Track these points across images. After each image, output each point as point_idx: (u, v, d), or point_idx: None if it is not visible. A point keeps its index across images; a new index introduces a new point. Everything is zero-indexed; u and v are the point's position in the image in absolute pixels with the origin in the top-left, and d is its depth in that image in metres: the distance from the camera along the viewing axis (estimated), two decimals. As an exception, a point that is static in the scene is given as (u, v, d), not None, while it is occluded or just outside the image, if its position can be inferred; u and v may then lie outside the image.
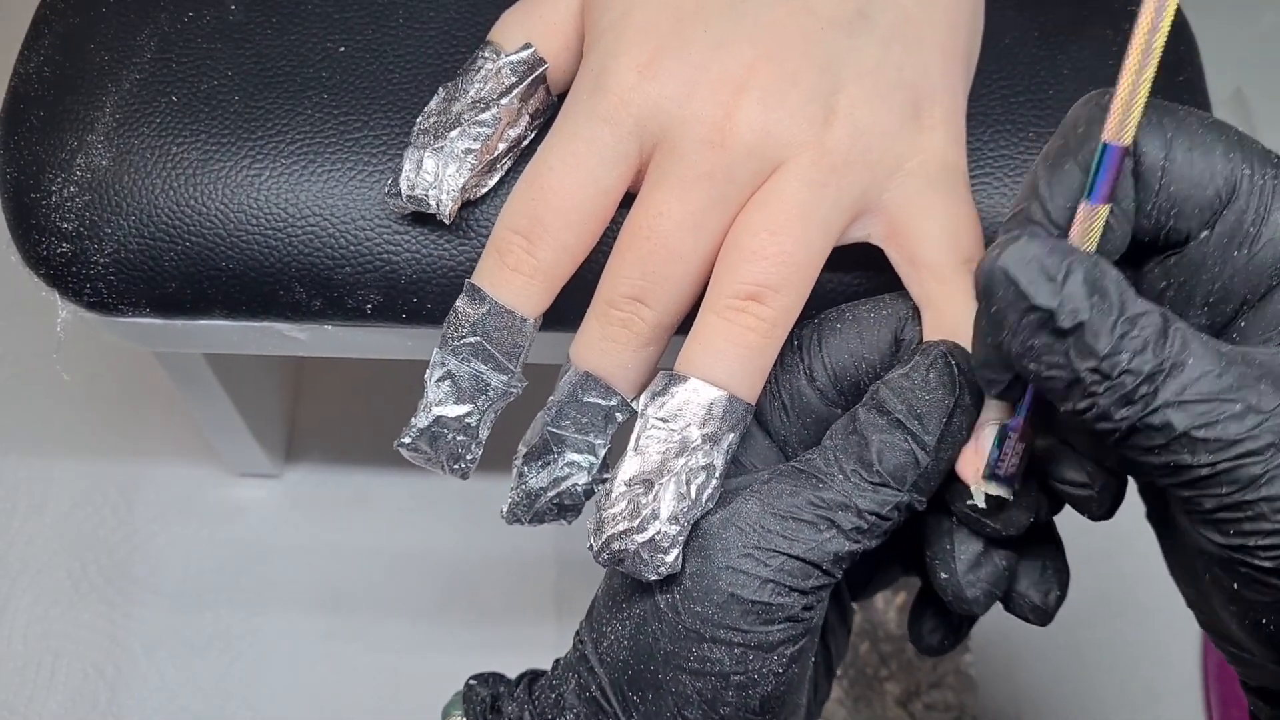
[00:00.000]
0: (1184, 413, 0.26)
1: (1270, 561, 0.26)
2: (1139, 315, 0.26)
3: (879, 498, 0.31)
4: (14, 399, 0.73)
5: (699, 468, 0.32)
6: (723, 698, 0.31)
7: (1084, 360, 0.26)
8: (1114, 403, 0.26)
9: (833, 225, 0.33)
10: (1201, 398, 0.26)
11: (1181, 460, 0.26)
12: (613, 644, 0.33)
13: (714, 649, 0.31)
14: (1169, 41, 0.43)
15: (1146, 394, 0.26)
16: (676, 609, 0.31)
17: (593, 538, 0.32)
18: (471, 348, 0.34)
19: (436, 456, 0.34)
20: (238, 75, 0.40)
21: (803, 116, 0.33)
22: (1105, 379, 0.26)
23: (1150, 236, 0.29)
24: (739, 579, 0.30)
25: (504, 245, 0.34)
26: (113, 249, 0.39)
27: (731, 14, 0.34)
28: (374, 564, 0.69)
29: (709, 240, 0.33)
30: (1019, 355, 0.27)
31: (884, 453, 0.30)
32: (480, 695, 0.35)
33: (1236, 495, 0.26)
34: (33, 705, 0.65)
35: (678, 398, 0.32)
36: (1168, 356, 0.26)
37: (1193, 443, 0.26)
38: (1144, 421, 0.26)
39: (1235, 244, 0.28)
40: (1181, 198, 0.28)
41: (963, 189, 0.34)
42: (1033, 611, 0.34)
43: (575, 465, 0.34)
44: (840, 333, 0.33)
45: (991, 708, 0.66)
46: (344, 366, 0.75)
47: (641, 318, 0.33)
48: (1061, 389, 0.27)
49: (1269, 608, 0.27)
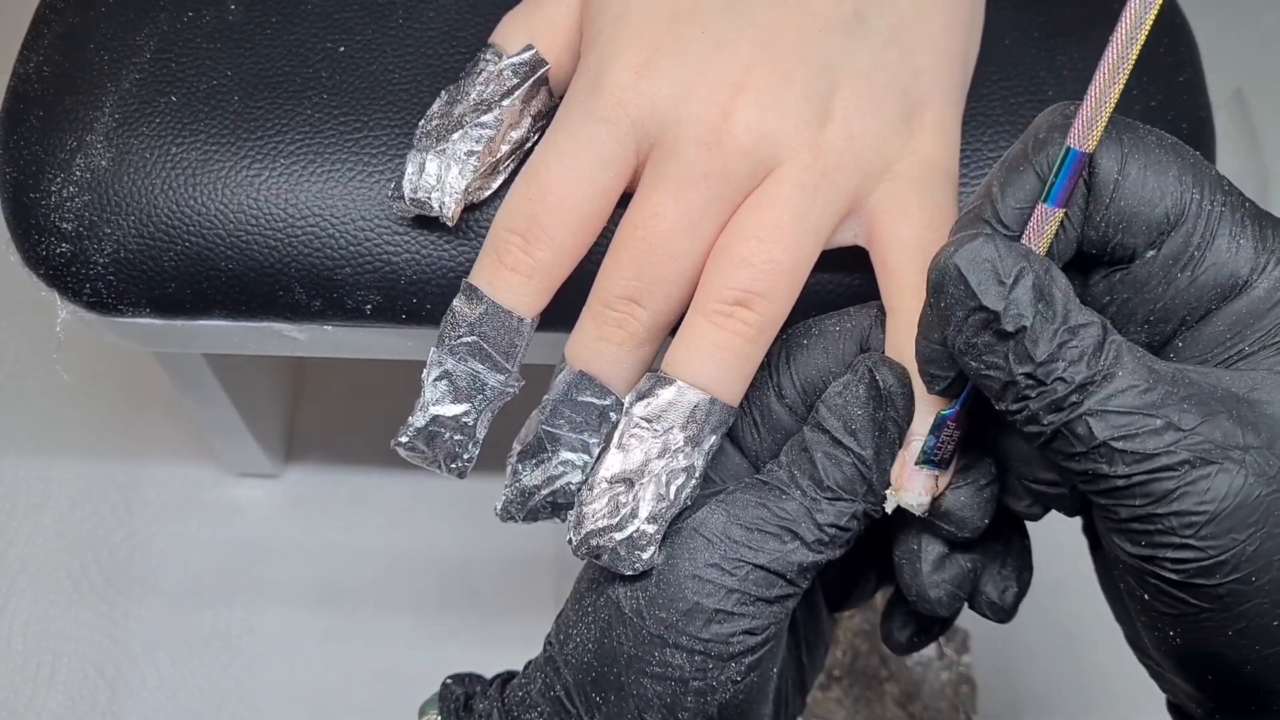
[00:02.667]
0: (1104, 423, 0.26)
1: (1176, 574, 0.26)
2: (1080, 326, 0.27)
3: (835, 510, 0.31)
4: (14, 399, 0.73)
5: (680, 469, 0.32)
6: (681, 703, 0.32)
7: (1021, 365, 0.27)
8: (1043, 407, 0.27)
9: (822, 230, 0.33)
10: (1125, 410, 0.26)
11: (1099, 469, 0.27)
12: (578, 646, 0.33)
13: (675, 654, 0.31)
14: (1169, 42, 0.43)
15: (1075, 402, 0.27)
16: (641, 614, 0.32)
17: (572, 532, 0.33)
18: (468, 347, 0.34)
19: (434, 456, 0.35)
20: (237, 75, 0.40)
21: (798, 118, 0.33)
22: (1039, 384, 0.27)
23: (1097, 249, 0.29)
24: (704, 587, 0.31)
25: (501, 245, 0.34)
26: (112, 249, 0.39)
27: (729, 14, 0.34)
28: (373, 564, 0.69)
29: (704, 241, 0.33)
30: (961, 351, 0.28)
31: (829, 469, 0.31)
32: (455, 694, 0.36)
33: (1149, 508, 0.26)
34: (32, 705, 0.65)
35: (662, 399, 0.32)
36: (1100, 369, 0.27)
37: (1111, 452, 0.26)
38: (1068, 427, 0.27)
39: (1179, 266, 0.28)
40: (1131, 214, 0.28)
41: (944, 193, 0.34)
42: (990, 608, 0.34)
43: (569, 464, 0.34)
44: (807, 349, 0.33)
45: (991, 708, 0.66)
46: (344, 366, 0.75)
47: (636, 318, 0.33)
48: (997, 389, 0.28)
49: (1175, 621, 0.28)
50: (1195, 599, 0.27)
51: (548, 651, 0.35)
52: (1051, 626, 0.68)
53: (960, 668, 0.66)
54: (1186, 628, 0.28)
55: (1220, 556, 0.26)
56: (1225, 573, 0.26)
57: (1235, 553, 0.26)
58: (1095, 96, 0.27)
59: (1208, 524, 0.26)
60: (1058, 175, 0.28)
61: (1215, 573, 0.26)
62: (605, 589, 0.33)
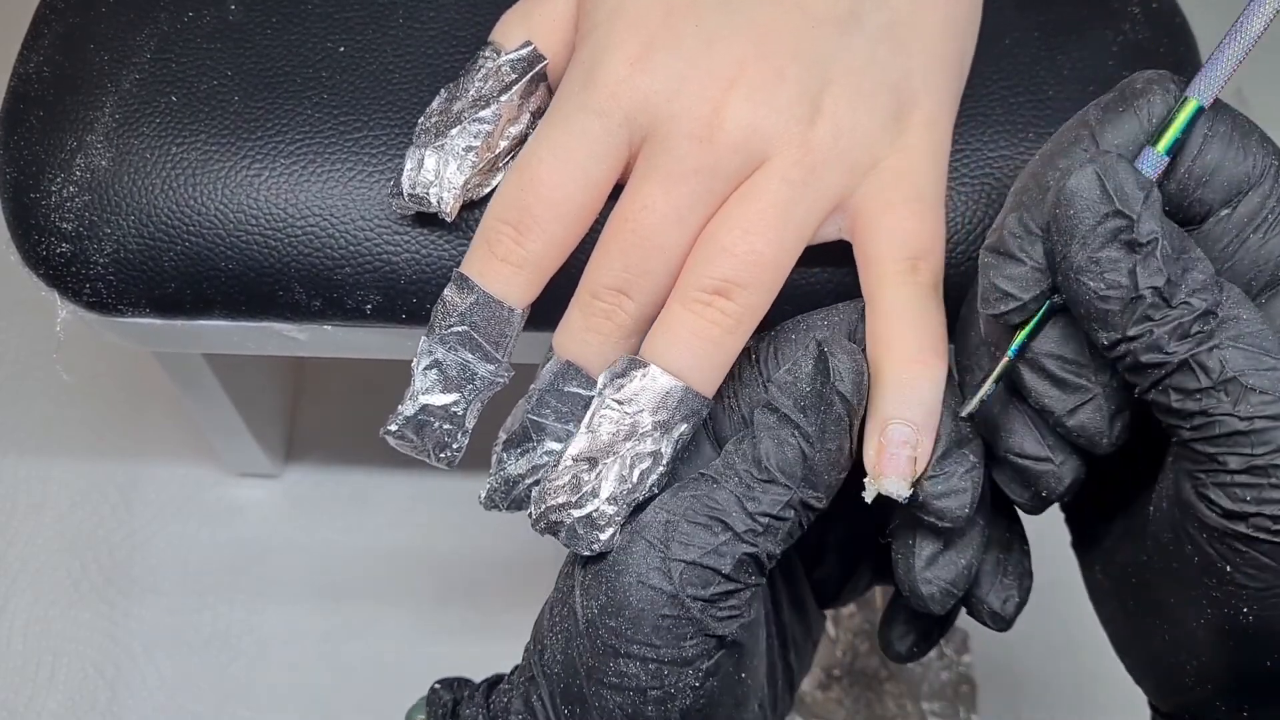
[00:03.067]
0: (1241, 355, 0.26)
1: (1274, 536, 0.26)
2: (1199, 260, 0.26)
3: (769, 497, 0.30)
4: (14, 399, 0.73)
5: (645, 453, 0.32)
6: (642, 712, 0.31)
7: (1150, 278, 0.26)
8: (1169, 332, 0.26)
9: (807, 225, 0.33)
10: (1255, 349, 0.26)
11: (1220, 409, 0.26)
12: (549, 657, 0.33)
13: (629, 664, 0.30)
14: (1169, 42, 0.43)
15: (1202, 332, 0.26)
16: (594, 624, 0.31)
17: (533, 506, 0.33)
18: (459, 337, 0.34)
19: (423, 445, 0.35)
20: (237, 75, 0.40)
21: (789, 114, 0.33)
22: (1164, 305, 0.26)
23: (1172, 205, 0.29)
24: (647, 594, 0.30)
25: (493, 235, 0.34)
26: (112, 249, 0.39)
27: (724, 10, 0.34)
28: (373, 563, 0.69)
29: (692, 234, 0.33)
30: (1082, 268, 0.27)
31: (771, 449, 0.31)
32: (443, 699, 0.36)
33: (1266, 458, 0.25)
34: (32, 705, 0.65)
35: (635, 382, 0.32)
36: (1223, 301, 0.26)
37: (1241, 390, 0.25)
38: (1197, 359, 0.26)
39: (1253, 226, 0.28)
40: (1215, 167, 0.28)
41: (931, 190, 0.34)
42: (991, 618, 0.34)
43: (554, 453, 0.34)
44: (795, 344, 0.33)
45: (991, 708, 0.66)
46: (344, 366, 0.75)
47: (624, 309, 0.33)
48: (1117, 310, 0.27)
49: (1255, 596, 0.27)
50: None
51: (526, 660, 0.34)
52: (1051, 626, 0.68)
53: (960, 667, 0.66)
54: (1265, 603, 0.27)
55: None
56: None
57: None
58: (1229, 55, 0.27)
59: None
60: (1181, 126, 0.28)
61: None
62: (569, 599, 0.32)
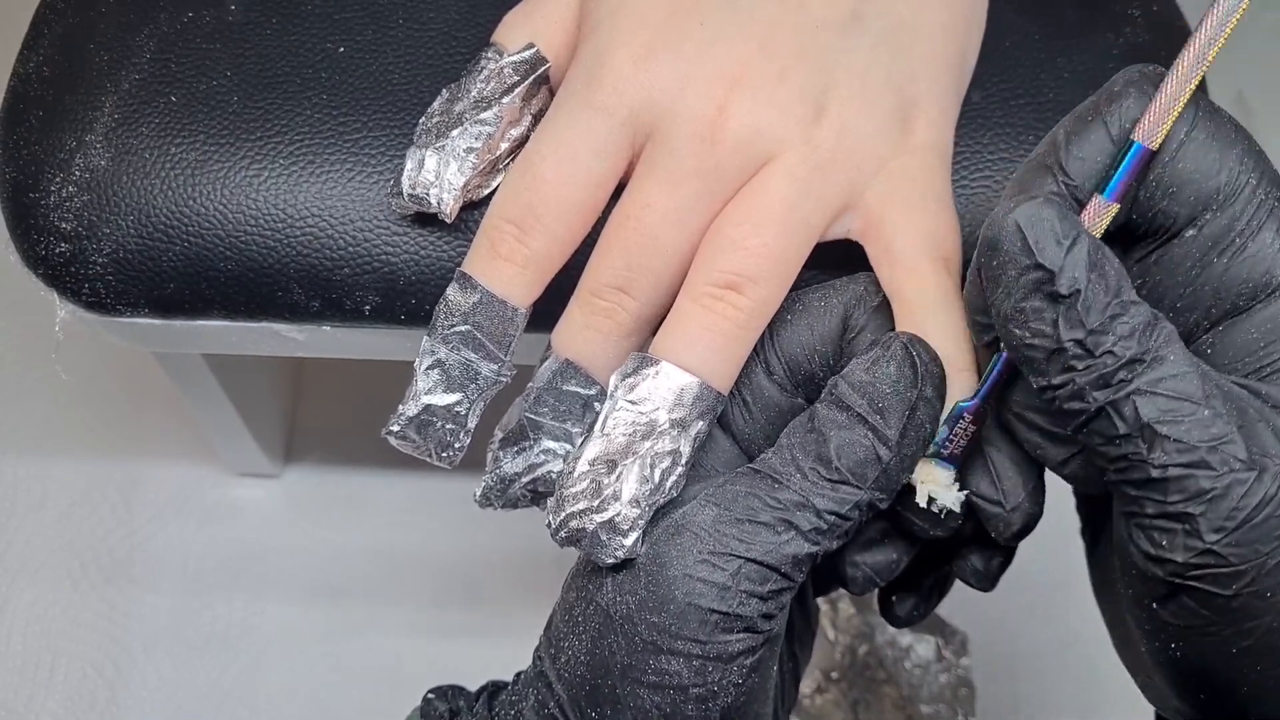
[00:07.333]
0: (1153, 404, 0.25)
1: (1193, 581, 0.26)
2: (1131, 303, 0.26)
3: (838, 496, 0.29)
4: (14, 399, 0.73)
5: (665, 452, 0.31)
6: (682, 711, 0.30)
7: (1072, 330, 0.26)
8: (1090, 382, 0.26)
9: (815, 222, 0.33)
10: (1175, 395, 0.26)
11: (1138, 455, 0.26)
12: (570, 659, 0.31)
13: (672, 661, 0.29)
14: (1169, 46, 0.43)
15: (1124, 379, 0.26)
16: (632, 619, 0.30)
17: (551, 515, 0.32)
18: (461, 336, 0.34)
19: (425, 445, 0.34)
20: (237, 76, 0.40)
21: (792, 114, 0.33)
22: (1088, 355, 0.26)
23: (1139, 216, 0.29)
24: (696, 586, 0.29)
25: (496, 234, 0.34)
26: (111, 249, 0.39)
27: (727, 9, 0.34)
28: (372, 564, 0.69)
29: (694, 233, 0.33)
30: (1007, 317, 0.27)
31: (843, 449, 0.29)
32: (438, 710, 0.34)
33: (1181, 505, 0.25)
34: (32, 704, 0.65)
35: (648, 380, 0.32)
36: (1151, 349, 0.26)
37: (1154, 438, 0.25)
38: (1115, 406, 0.26)
39: (1218, 250, 0.28)
40: (1184, 179, 0.28)
41: (943, 190, 0.34)
42: (974, 575, 0.34)
43: (551, 452, 0.34)
44: (791, 324, 0.33)
45: (991, 709, 0.66)
46: (343, 367, 0.75)
47: (624, 308, 0.33)
48: (1042, 359, 0.27)
49: (1180, 633, 0.27)
50: (1206, 609, 0.26)
51: (538, 665, 0.33)
52: (1051, 627, 0.68)
53: (959, 670, 0.66)
54: (1190, 640, 0.27)
55: (1241, 566, 0.25)
56: (1243, 584, 0.25)
57: (1256, 565, 0.25)
58: (1167, 94, 0.26)
59: (1236, 530, 0.25)
60: (1118, 167, 0.27)
61: (1233, 583, 0.25)
62: (593, 596, 0.31)
